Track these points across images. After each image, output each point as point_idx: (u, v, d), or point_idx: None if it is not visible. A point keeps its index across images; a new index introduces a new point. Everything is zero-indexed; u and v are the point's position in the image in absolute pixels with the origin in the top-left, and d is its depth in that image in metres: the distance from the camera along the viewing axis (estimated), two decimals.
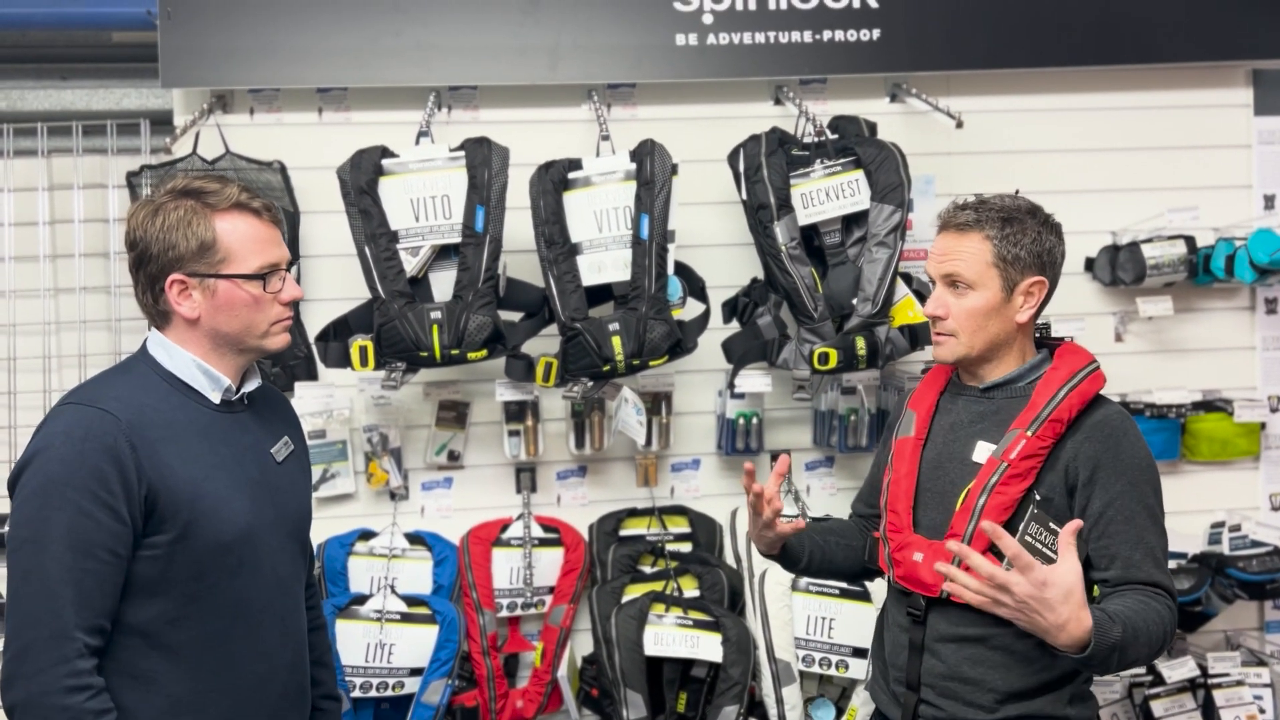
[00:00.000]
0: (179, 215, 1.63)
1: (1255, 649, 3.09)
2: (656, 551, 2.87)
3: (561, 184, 2.67)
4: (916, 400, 2.03)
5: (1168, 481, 3.12)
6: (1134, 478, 1.80)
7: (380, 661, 2.65)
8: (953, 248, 1.89)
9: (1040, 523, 1.76)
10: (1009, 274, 1.86)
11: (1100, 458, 1.80)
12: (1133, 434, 1.84)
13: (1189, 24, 3.03)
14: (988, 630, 1.82)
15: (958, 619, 1.85)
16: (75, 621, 1.49)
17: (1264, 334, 3.17)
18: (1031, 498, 1.80)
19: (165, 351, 1.68)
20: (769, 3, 2.92)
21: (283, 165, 2.82)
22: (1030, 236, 1.87)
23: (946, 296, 1.89)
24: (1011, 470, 1.80)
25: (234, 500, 1.64)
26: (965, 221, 1.88)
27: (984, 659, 1.84)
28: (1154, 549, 1.78)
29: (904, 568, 1.90)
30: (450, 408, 2.92)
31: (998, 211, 1.88)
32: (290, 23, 2.81)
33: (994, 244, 1.86)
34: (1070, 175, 3.09)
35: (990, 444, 1.86)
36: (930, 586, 1.85)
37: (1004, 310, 1.87)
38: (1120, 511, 1.78)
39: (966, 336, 1.88)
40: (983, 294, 1.86)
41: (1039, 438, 1.81)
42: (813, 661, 2.68)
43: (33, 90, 3.13)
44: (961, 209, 1.91)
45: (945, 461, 1.92)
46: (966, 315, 1.87)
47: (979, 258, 1.86)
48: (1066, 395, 1.83)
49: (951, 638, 1.86)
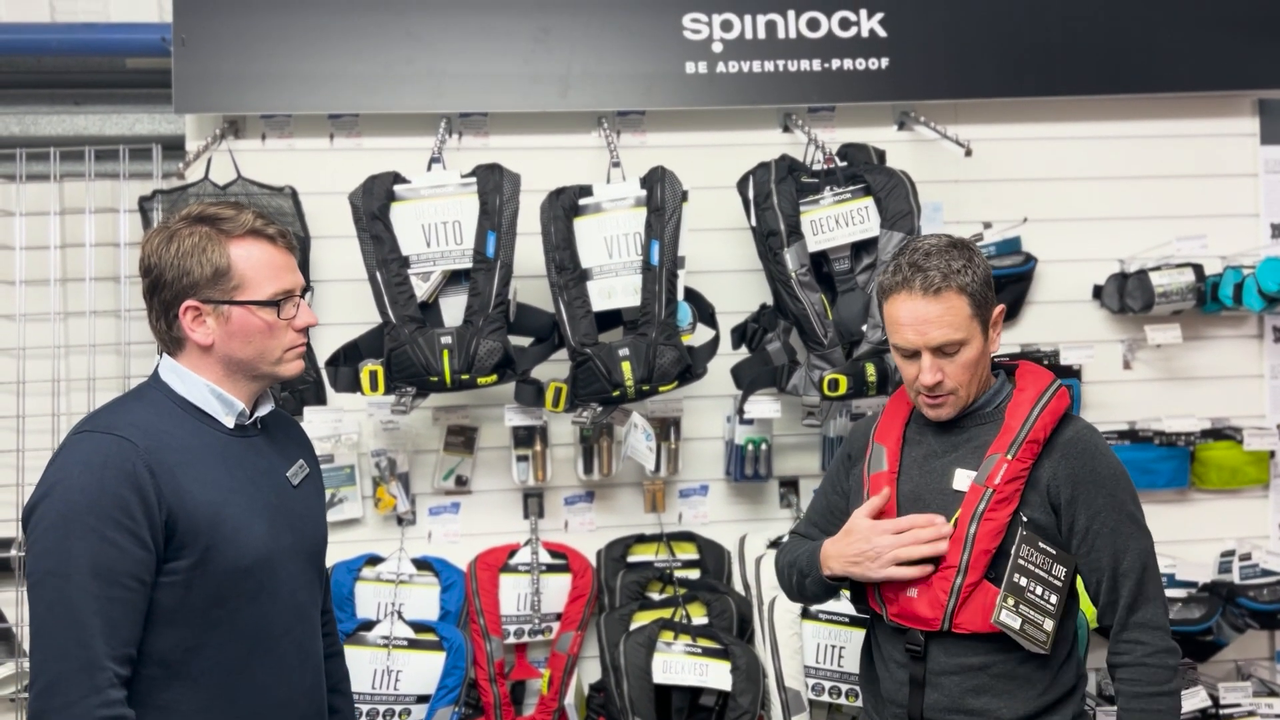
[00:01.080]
0: (193, 242, 1.63)
1: (1266, 679, 3.06)
2: (665, 578, 2.86)
3: (572, 210, 2.68)
4: (883, 433, 2.00)
5: (1177, 510, 3.12)
6: (1112, 489, 1.85)
7: (387, 688, 2.63)
8: (932, 315, 1.82)
9: (1031, 544, 1.82)
10: (983, 314, 1.86)
11: (1079, 475, 1.84)
12: (1103, 447, 1.89)
13: (1195, 54, 3.05)
14: (989, 658, 1.83)
15: (958, 650, 1.85)
16: (105, 651, 1.47)
17: (1272, 362, 3.17)
18: (1019, 520, 1.82)
19: (178, 377, 1.67)
20: (778, 32, 2.94)
21: (294, 190, 2.84)
22: (978, 267, 1.85)
23: (939, 363, 1.84)
24: (998, 495, 1.82)
25: (253, 525, 1.63)
26: (934, 285, 1.81)
27: (987, 687, 1.84)
28: (1141, 552, 1.84)
29: (898, 605, 1.88)
30: (459, 432, 2.92)
31: (949, 259, 1.82)
32: (303, 49, 2.83)
33: (966, 295, 1.82)
34: (1078, 203, 3.10)
35: (969, 471, 1.87)
36: (930, 621, 1.84)
37: (986, 350, 1.89)
38: (1105, 524, 1.84)
39: (965, 390, 1.88)
40: (973, 346, 1.85)
41: (1019, 460, 1.83)
42: (822, 690, 2.66)
43: (46, 115, 3.16)
44: (916, 271, 1.83)
45: (924, 493, 1.91)
46: (962, 371, 1.85)
47: (960, 314, 1.82)
48: (1040, 415, 1.85)
49: (953, 669, 1.85)
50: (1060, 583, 1.81)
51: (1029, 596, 1.79)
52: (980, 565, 1.81)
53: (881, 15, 2.96)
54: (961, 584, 1.81)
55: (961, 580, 1.81)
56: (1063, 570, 1.82)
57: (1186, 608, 2.86)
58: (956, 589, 1.81)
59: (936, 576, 1.84)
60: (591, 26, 2.90)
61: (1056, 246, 3.07)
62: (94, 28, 3.03)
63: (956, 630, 1.82)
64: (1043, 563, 1.81)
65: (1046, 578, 1.80)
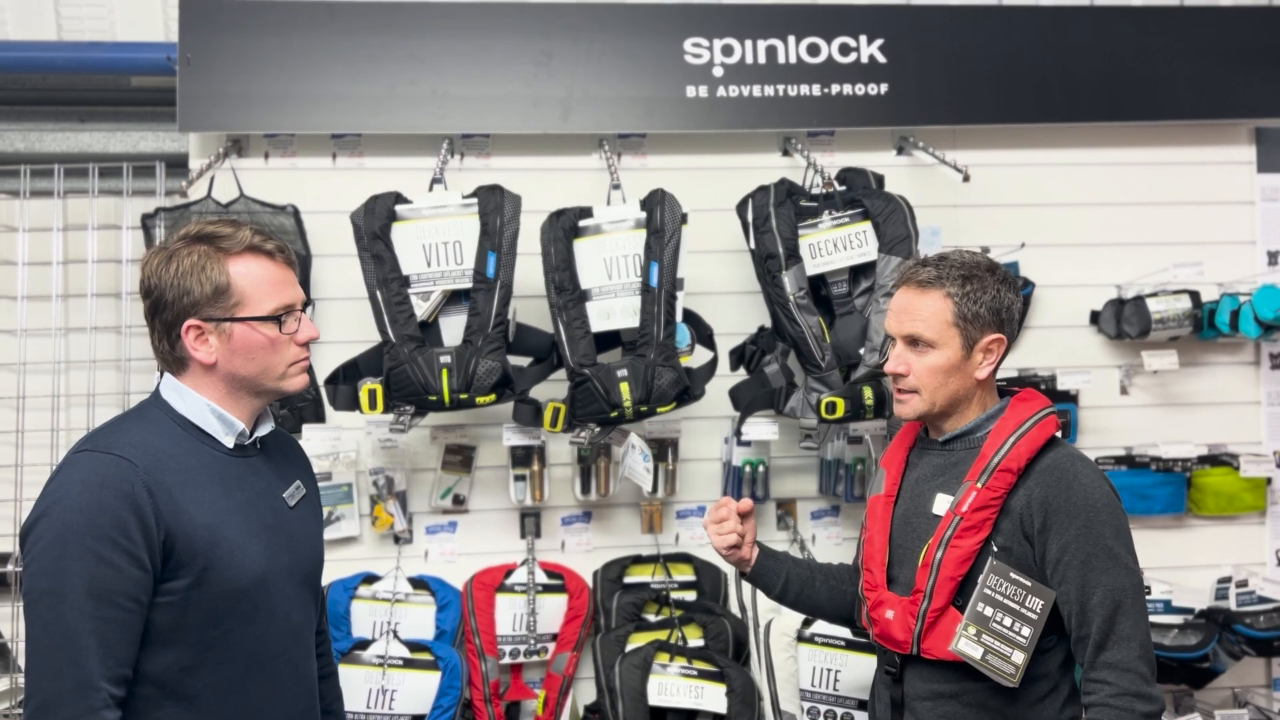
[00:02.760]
0: (193, 261, 1.63)
1: (1263, 706, 3.06)
2: (661, 599, 2.86)
3: (572, 231, 2.69)
4: (888, 458, 2.04)
5: (1174, 536, 3.11)
6: (1088, 519, 1.76)
7: (382, 708, 2.63)
8: (913, 305, 1.88)
9: (1000, 574, 1.78)
10: (969, 332, 1.86)
11: (1051, 502, 1.78)
12: (1085, 475, 1.80)
13: (1193, 82, 3.08)
14: (959, 686, 1.82)
15: (930, 676, 1.85)
16: (100, 671, 1.47)
17: (1269, 389, 3.18)
18: (990, 549, 1.81)
19: (178, 395, 1.68)
20: (778, 56, 2.97)
21: (296, 209, 2.85)
22: (990, 294, 1.86)
23: (907, 355, 1.89)
24: (965, 523, 1.81)
25: (250, 546, 1.63)
26: (926, 279, 1.87)
27: (958, 715, 1.83)
28: (1114, 589, 1.73)
29: (879, 625, 1.90)
30: (456, 451, 2.92)
31: (958, 269, 1.87)
32: (307, 70, 2.85)
33: (954, 302, 1.85)
34: (1075, 229, 3.12)
35: (949, 496, 1.87)
36: (901, 643, 1.85)
37: (964, 367, 1.87)
38: (1075, 555, 1.75)
39: (928, 394, 1.89)
40: (943, 353, 1.86)
41: (989, 489, 1.80)
42: (818, 714, 2.65)
43: (51, 132, 3.18)
44: (923, 265, 1.90)
45: (913, 517, 1.92)
46: (928, 373, 1.87)
47: (939, 317, 1.86)
48: (1014, 444, 1.82)
49: (926, 695, 1.86)
50: (1035, 615, 1.76)
51: (994, 627, 1.76)
52: (945, 591, 1.80)
53: (881, 41, 2.99)
54: (927, 609, 1.82)
55: (927, 605, 1.82)
56: (1039, 603, 1.76)
57: (1183, 634, 2.86)
58: (922, 614, 1.82)
59: (908, 600, 1.85)
60: (593, 50, 2.92)
61: (1054, 272, 3.09)
62: (100, 46, 3.05)
63: (925, 655, 1.83)
64: (1014, 593, 1.76)
65: (1018, 609, 1.75)
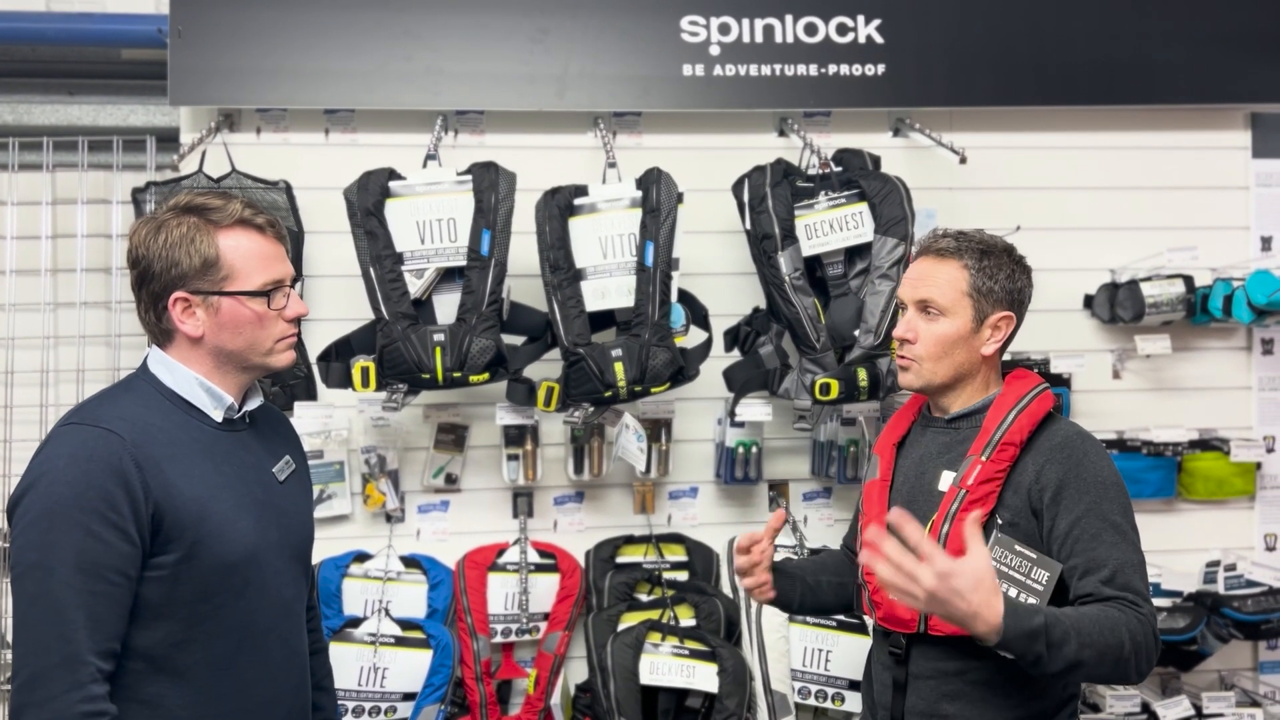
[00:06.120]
0: (181, 232, 1.61)
1: (1249, 689, 3.08)
2: (653, 579, 2.86)
3: (567, 210, 2.68)
4: (881, 443, 2.06)
5: (1163, 520, 3.13)
6: (1098, 495, 1.77)
7: (373, 685, 2.63)
8: (929, 273, 1.92)
9: (1005, 547, 1.78)
10: (981, 305, 1.88)
11: (1064, 478, 1.78)
12: (1094, 453, 1.82)
13: (1189, 67, 3.07)
14: (965, 664, 1.82)
15: (936, 655, 1.85)
16: (88, 645, 1.46)
17: (1260, 374, 3.19)
18: (995, 523, 1.81)
19: (167, 369, 1.66)
20: (775, 36, 2.95)
21: (288, 185, 2.83)
22: (1005, 272, 1.90)
23: (917, 321, 1.91)
24: (970, 496, 1.81)
25: (239, 520, 1.62)
26: (945, 248, 1.91)
27: (961, 694, 1.83)
28: (1123, 563, 1.72)
29: (884, 609, 1.90)
30: (449, 430, 2.91)
31: (977, 244, 1.91)
32: (300, 44, 2.83)
33: (970, 273, 1.88)
34: (1071, 212, 3.12)
35: (954, 472, 1.88)
36: (909, 623, 1.85)
37: (970, 341, 1.89)
38: (1085, 529, 1.75)
39: (931, 364, 1.90)
40: (953, 321, 1.88)
41: (993, 462, 1.82)
42: (809, 694, 2.66)
43: (40, 105, 3.13)
44: (942, 236, 1.94)
45: (917, 495, 1.92)
46: (935, 341, 1.89)
47: (954, 285, 1.89)
48: (1016, 418, 1.84)
49: (931, 674, 1.86)
50: (1040, 587, 1.76)
51: None
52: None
53: (879, 22, 2.97)
54: None
55: None
56: (1044, 575, 1.76)
57: (1171, 617, 2.87)
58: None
59: None
60: (590, 27, 2.90)
61: (1048, 255, 3.07)
62: (90, 18, 3.01)
63: (933, 633, 1.82)
64: (1019, 565, 1.76)
65: (1025, 581, 1.76)
